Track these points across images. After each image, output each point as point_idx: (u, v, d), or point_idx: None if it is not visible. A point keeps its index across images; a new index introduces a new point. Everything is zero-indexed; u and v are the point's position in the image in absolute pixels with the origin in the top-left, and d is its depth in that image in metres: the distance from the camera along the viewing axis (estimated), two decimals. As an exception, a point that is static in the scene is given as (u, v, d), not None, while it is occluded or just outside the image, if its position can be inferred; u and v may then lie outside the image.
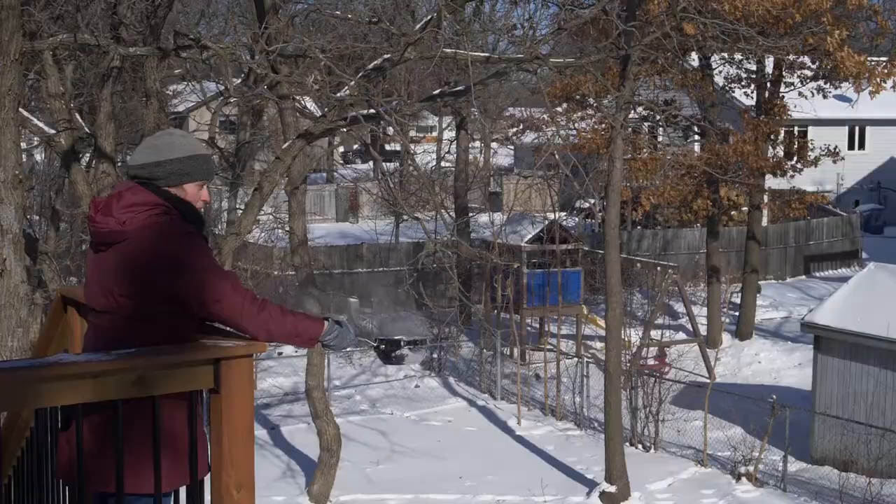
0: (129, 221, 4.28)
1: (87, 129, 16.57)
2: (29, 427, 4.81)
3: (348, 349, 4.98)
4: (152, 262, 4.23)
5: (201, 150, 4.60)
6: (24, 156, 23.48)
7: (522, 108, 40.15)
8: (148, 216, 4.29)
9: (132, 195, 4.35)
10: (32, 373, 3.76)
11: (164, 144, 4.49)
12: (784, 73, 28.19)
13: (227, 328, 4.31)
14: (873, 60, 24.79)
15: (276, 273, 30.32)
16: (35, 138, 18.64)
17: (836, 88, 27.80)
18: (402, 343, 5.67)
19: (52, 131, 15.34)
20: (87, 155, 20.81)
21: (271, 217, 30.35)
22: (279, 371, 25.95)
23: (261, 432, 21.29)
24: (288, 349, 25.01)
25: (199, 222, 4.55)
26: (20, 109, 10.89)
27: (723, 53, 26.86)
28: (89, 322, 4.51)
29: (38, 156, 31.12)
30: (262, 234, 31.29)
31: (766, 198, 30.71)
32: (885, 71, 24.19)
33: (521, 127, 38.66)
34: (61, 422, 4.27)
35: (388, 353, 5.59)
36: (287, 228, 21.84)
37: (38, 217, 26.17)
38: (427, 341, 5.84)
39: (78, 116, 17.20)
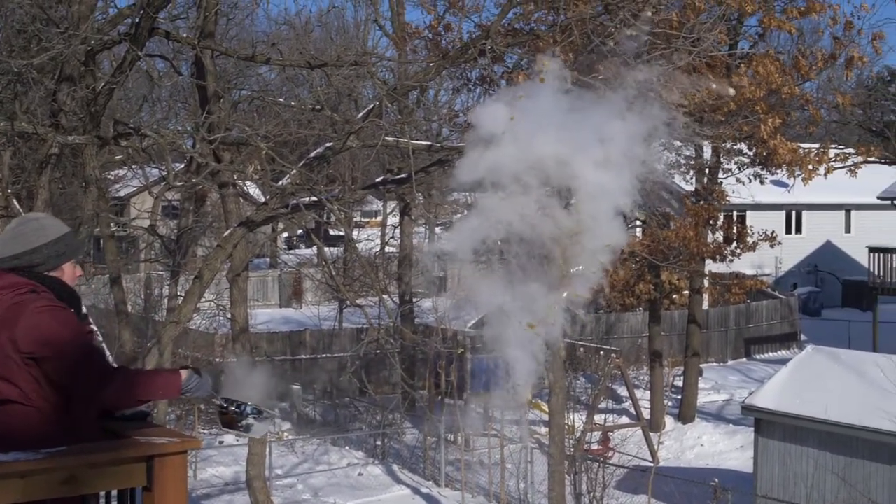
0: None
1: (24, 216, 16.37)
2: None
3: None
4: (19, 339, 4.19)
5: (67, 229, 4.62)
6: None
7: (467, 193, 40.30)
8: (13, 296, 4.27)
9: None
10: (-43, 475, 3.69)
11: (33, 231, 4.48)
12: (722, 159, 28.63)
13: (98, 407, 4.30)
14: (805, 148, 25.28)
15: (217, 360, 30.04)
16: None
17: (772, 174, 28.28)
18: (248, 411, 5.46)
19: (-11, 218, 15.16)
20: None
21: (213, 304, 30.12)
22: (219, 460, 25.59)
23: (201, 523, 20.95)
24: (229, 438, 24.69)
25: (74, 299, 4.51)
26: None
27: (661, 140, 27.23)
28: None
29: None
30: (204, 321, 31.02)
31: (706, 282, 31.00)
32: (817, 158, 24.68)
33: (465, 212, 38.79)
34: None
35: (233, 419, 5.39)
36: (229, 315, 21.69)
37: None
38: (271, 412, 5.60)
39: (15, 202, 17.03)
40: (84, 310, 4.69)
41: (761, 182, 28.97)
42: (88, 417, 4.24)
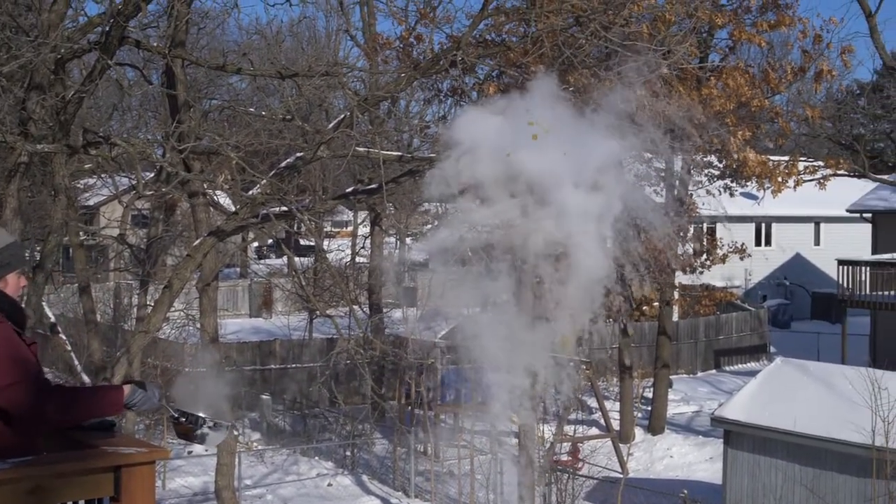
0: None
1: (-7, 225, 16.29)
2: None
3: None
4: None
5: (12, 239, 4.53)
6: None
7: (438, 203, 40.29)
8: None
9: None
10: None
11: None
12: (692, 171, 28.73)
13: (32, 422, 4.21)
14: (775, 160, 25.41)
15: (187, 370, 29.91)
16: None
17: (742, 187, 28.41)
18: (202, 421, 5.41)
19: (-43, 227, 15.04)
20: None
21: (182, 313, 30.00)
22: (188, 471, 25.47)
23: (169, 534, 20.83)
24: (198, 448, 24.58)
25: (16, 311, 4.42)
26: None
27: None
28: None
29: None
30: (173, 331, 30.88)
31: (676, 294, 31.09)
32: (786, 171, 24.81)
33: (435, 223, 38.78)
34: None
35: (188, 430, 5.36)
36: (199, 325, 21.59)
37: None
38: (225, 422, 5.53)
39: (-16, 212, 16.91)
40: (52, 318, 4.67)
41: (731, 194, 29.10)
42: (36, 433, 4.17)
